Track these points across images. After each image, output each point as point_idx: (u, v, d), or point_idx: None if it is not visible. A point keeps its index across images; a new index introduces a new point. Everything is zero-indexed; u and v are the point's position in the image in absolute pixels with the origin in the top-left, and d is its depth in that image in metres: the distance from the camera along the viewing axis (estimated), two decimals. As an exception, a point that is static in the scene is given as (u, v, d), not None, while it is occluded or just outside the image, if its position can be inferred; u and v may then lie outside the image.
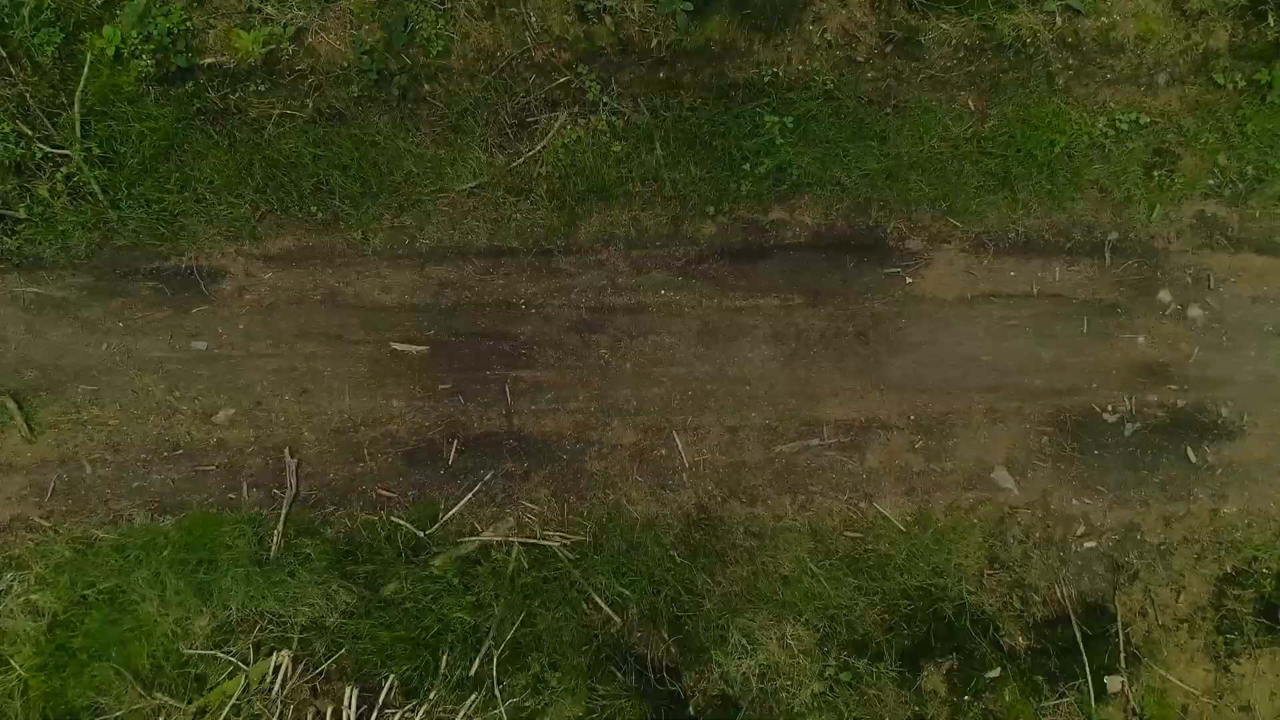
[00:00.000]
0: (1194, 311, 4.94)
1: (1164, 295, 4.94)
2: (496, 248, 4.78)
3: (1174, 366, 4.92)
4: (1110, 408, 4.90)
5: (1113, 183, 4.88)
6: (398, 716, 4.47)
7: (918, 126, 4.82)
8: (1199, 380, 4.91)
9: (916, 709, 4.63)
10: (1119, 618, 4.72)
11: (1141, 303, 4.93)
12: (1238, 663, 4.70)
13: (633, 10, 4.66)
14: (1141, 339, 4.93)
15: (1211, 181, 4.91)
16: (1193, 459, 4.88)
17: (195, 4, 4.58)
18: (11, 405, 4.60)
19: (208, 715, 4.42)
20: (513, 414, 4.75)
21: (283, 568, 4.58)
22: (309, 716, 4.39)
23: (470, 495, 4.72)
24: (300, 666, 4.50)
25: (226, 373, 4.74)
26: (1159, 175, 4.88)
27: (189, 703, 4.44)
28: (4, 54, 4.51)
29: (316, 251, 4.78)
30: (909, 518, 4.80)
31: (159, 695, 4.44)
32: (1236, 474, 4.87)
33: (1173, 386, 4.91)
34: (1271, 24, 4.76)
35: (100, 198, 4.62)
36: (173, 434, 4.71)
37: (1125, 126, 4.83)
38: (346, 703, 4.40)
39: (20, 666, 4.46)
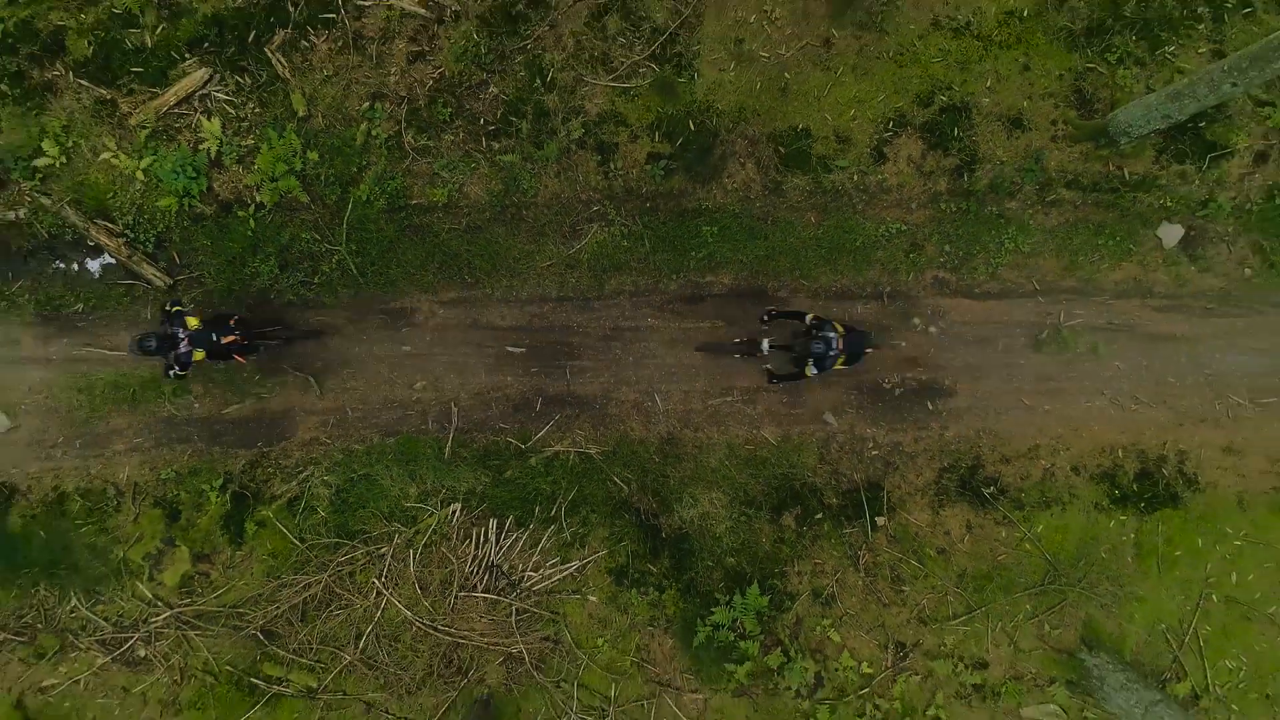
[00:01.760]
0: (932, 329, 9.20)
1: (916, 321, 9.20)
2: (562, 296, 9.02)
3: (921, 359, 9.19)
4: (887, 380, 9.19)
5: (888, 260, 9.11)
6: (514, 537, 8.82)
7: (784, 231, 9.02)
8: (934, 366, 9.18)
9: (778, 535, 8.98)
10: (885, 489, 9.04)
11: (903, 324, 9.17)
12: (944, 510, 9.02)
13: (632, 173, 8.90)
14: (904, 343, 9.19)
15: (941, 259, 9.16)
16: (930, 408, 9.16)
17: (406, 173, 8.80)
18: (312, 380, 8.88)
19: (420, 534, 8.77)
20: (571, 384, 9.02)
21: (452, 463, 8.87)
22: (472, 534, 8.74)
23: (547, 427, 8.97)
24: (464, 511, 8.83)
25: (420, 363, 9.00)
26: (913, 256, 9.11)
27: (410, 528, 8.79)
28: (309, 198, 8.75)
29: (466, 299, 9.01)
30: (779, 438, 9.09)
31: (394, 524, 8.79)
32: (953, 415, 9.16)
33: (920, 369, 9.19)
34: (966, 180, 9.01)
35: (354, 272, 8.86)
36: (392, 395, 8.99)
37: (894, 230, 9.05)
38: (491, 528, 8.75)
39: (322, 510, 8.79)
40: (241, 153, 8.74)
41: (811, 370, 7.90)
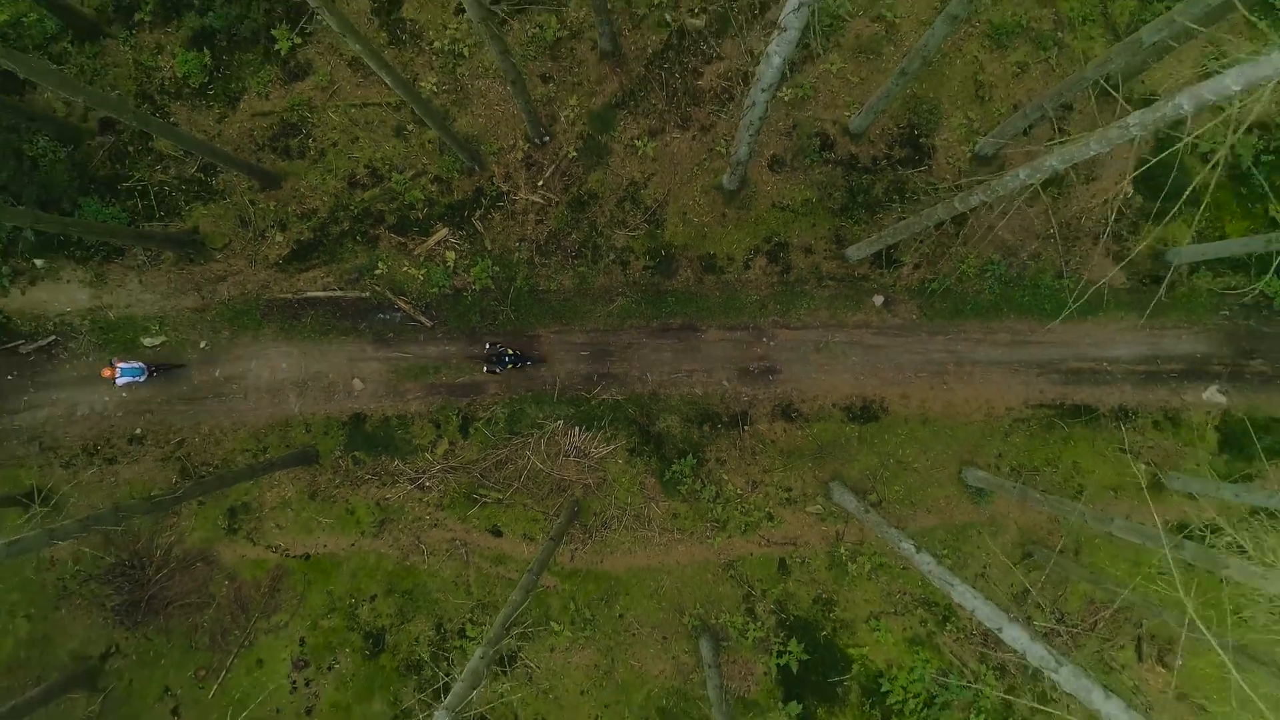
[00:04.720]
0: (771, 343, 20.37)
1: (765, 339, 20.36)
2: (605, 329, 20.10)
3: (767, 356, 20.38)
4: (750, 367, 20.42)
5: (751, 312, 20.20)
6: (586, 435, 20.20)
7: (704, 299, 20.10)
8: (775, 360, 20.38)
9: (700, 434, 20.36)
10: (749, 414, 20.38)
11: (760, 342, 20.31)
12: (775, 423, 20.36)
13: (637, 274, 19.95)
14: (759, 349, 20.38)
15: (775, 311, 20.21)
16: (770, 379, 20.39)
17: (536, 274, 19.85)
18: (513, 353, 20.14)
19: (545, 433, 20.11)
20: (610, 369, 20.27)
21: (558, 403, 20.16)
22: (568, 433, 20.11)
23: (599, 387, 20.20)
24: (564, 423, 20.17)
25: (543, 357, 20.24)
26: (763, 310, 20.17)
27: (540, 430, 20.14)
28: (494, 286, 19.81)
29: (563, 330, 20.09)
30: (701, 392, 20.36)
31: (533, 429, 20.10)
32: (780, 382, 20.43)
33: (765, 360, 20.41)
34: (786, 276, 20.09)
35: (513, 319, 19.97)
36: (535, 379, 20.23)
37: (753, 299, 20.08)
38: (577, 431, 20.12)
39: (501, 423, 20.13)
40: (465, 266, 19.79)
41: None
